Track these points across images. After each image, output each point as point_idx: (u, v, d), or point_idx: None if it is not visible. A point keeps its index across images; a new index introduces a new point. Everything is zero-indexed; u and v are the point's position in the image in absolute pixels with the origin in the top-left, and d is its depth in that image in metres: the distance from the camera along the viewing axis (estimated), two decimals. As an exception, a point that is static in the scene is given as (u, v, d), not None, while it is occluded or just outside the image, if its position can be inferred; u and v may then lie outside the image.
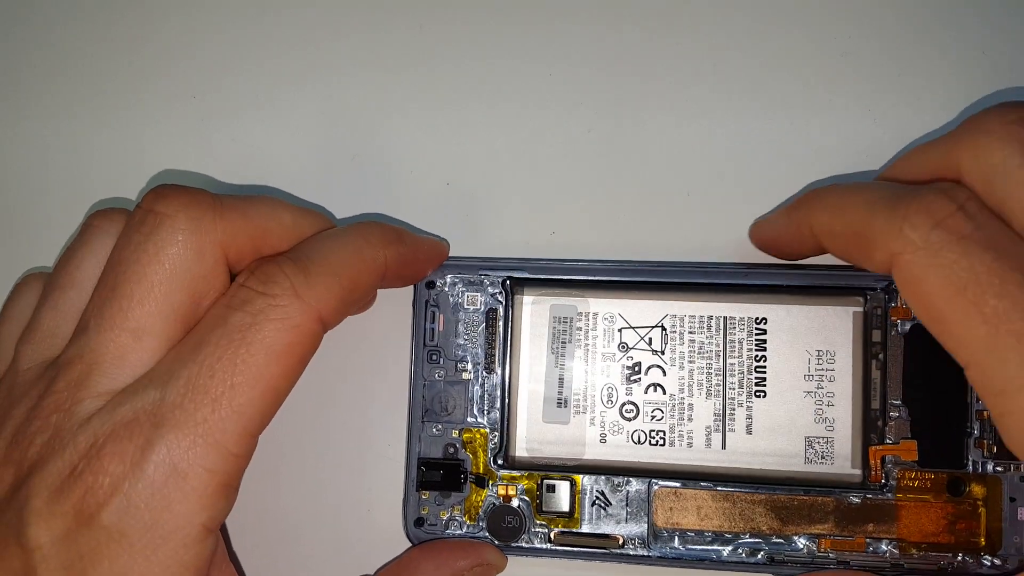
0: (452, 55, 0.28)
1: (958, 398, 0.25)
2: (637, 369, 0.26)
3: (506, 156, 0.28)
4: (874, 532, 0.25)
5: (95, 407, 0.21)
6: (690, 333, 0.26)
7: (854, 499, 0.25)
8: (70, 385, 0.21)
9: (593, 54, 0.28)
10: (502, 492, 0.26)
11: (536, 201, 0.28)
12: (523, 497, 0.26)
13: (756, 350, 0.26)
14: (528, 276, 0.26)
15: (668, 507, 0.26)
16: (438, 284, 0.27)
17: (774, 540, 0.25)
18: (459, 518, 0.26)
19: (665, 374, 0.26)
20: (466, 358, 0.26)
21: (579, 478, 0.26)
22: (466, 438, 0.26)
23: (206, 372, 0.21)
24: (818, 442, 0.25)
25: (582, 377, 0.26)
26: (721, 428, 0.26)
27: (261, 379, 0.21)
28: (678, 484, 0.26)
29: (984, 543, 0.25)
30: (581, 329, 0.26)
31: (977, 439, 0.25)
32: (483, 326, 0.26)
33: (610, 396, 0.26)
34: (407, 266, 0.25)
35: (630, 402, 0.26)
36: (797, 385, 0.25)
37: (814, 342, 0.25)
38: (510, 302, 0.26)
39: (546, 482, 0.26)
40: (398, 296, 0.27)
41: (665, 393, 0.26)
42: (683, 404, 0.26)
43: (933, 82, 0.27)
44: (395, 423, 0.27)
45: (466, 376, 0.26)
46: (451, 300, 0.27)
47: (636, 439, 0.26)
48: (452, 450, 0.26)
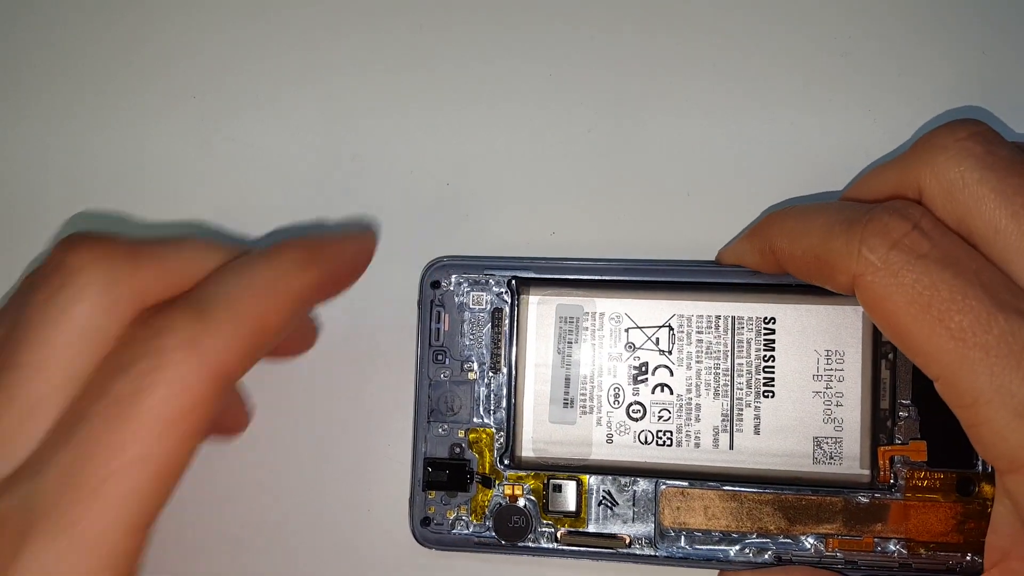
0: (452, 55, 0.28)
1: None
2: (644, 369, 0.26)
3: (506, 156, 0.28)
4: (882, 532, 0.25)
5: None
6: (698, 333, 0.26)
7: (862, 499, 0.25)
8: None
9: (593, 54, 0.28)
10: (508, 492, 0.26)
11: (536, 201, 0.27)
12: (529, 497, 0.26)
13: (764, 350, 0.25)
14: (534, 276, 0.26)
15: (675, 507, 0.26)
16: (443, 284, 0.26)
17: (781, 540, 0.25)
18: (465, 518, 0.26)
19: (672, 374, 0.26)
20: (472, 358, 0.26)
21: (585, 478, 0.26)
22: (472, 438, 0.26)
23: (82, 457, 0.18)
24: (826, 442, 0.25)
25: (588, 377, 0.26)
26: (729, 428, 0.25)
27: (150, 459, 0.18)
28: (685, 484, 0.26)
29: (993, 543, 0.25)
30: (587, 329, 0.26)
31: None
32: (489, 326, 0.26)
33: (617, 396, 0.26)
34: (332, 284, 0.23)
35: (637, 402, 0.26)
36: (806, 385, 0.25)
37: (823, 342, 0.25)
38: (516, 302, 0.26)
39: (552, 482, 0.26)
40: (403, 296, 0.27)
41: (672, 393, 0.26)
42: (691, 404, 0.25)
43: (933, 82, 0.27)
44: (400, 423, 0.27)
45: (472, 376, 0.26)
46: (456, 300, 0.26)
47: (643, 439, 0.26)
48: (458, 450, 0.26)
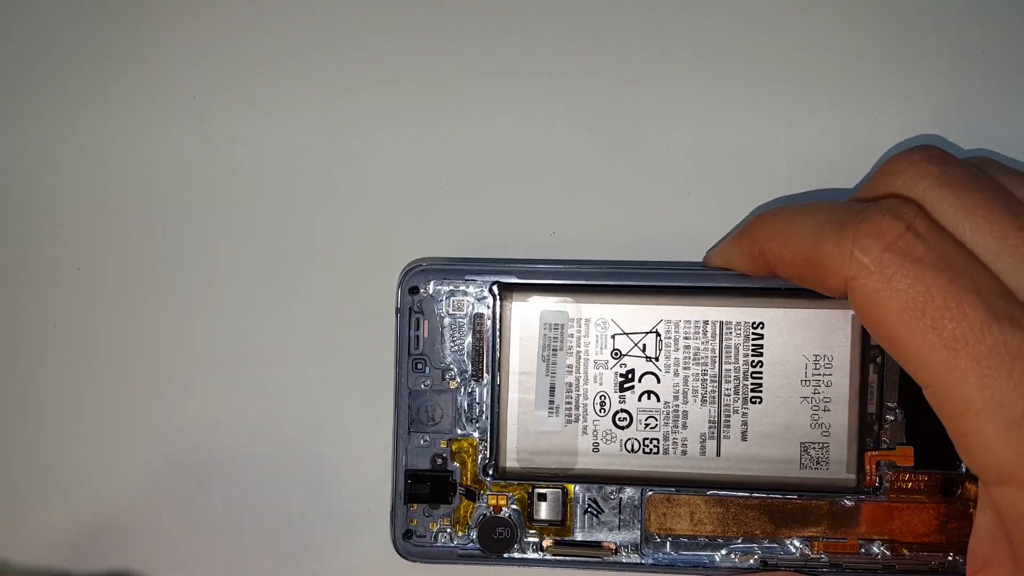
0: (452, 55, 0.27)
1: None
2: (631, 376, 0.25)
3: (506, 156, 0.27)
4: (867, 534, 0.25)
5: None
6: (685, 339, 0.25)
7: (847, 502, 0.25)
8: None
9: (593, 54, 0.27)
10: (492, 502, 0.25)
11: (536, 201, 0.27)
12: (514, 507, 0.25)
13: (752, 355, 0.25)
14: (517, 281, 0.25)
15: (661, 513, 0.25)
16: (422, 290, 0.25)
17: (767, 544, 0.25)
18: (449, 530, 0.25)
19: (659, 381, 0.25)
20: (453, 366, 0.25)
21: (571, 486, 0.25)
22: (454, 448, 0.25)
23: None
24: (814, 448, 0.25)
25: (574, 385, 0.25)
26: (716, 435, 0.25)
27: None
28: (671, 489, 0.25)
29: (975, 543, 0.25)
30: (573, 336, 0.25)
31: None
32: (470, 333, 0.25)
33: (603, 404, 0.25)
34: None
35: (623, 410, 0.25)
36: (794, 390, 0.25)
37: (811, 346, 0.25)
38: (498, 307, 0.25)
39: (537, 491, 0.25)
40: (380, 303, 0.26)
41: (659, 400, 0.25)
42: (677, 411, 0.25)
43: (933, 82, 0.26)
44: (380, 435, 0.26)
45: (453, 385, 0.25)
46: (436, 306, 0.25)
47: (630, 448, 0.25)
48: (440, 461, 0.25)
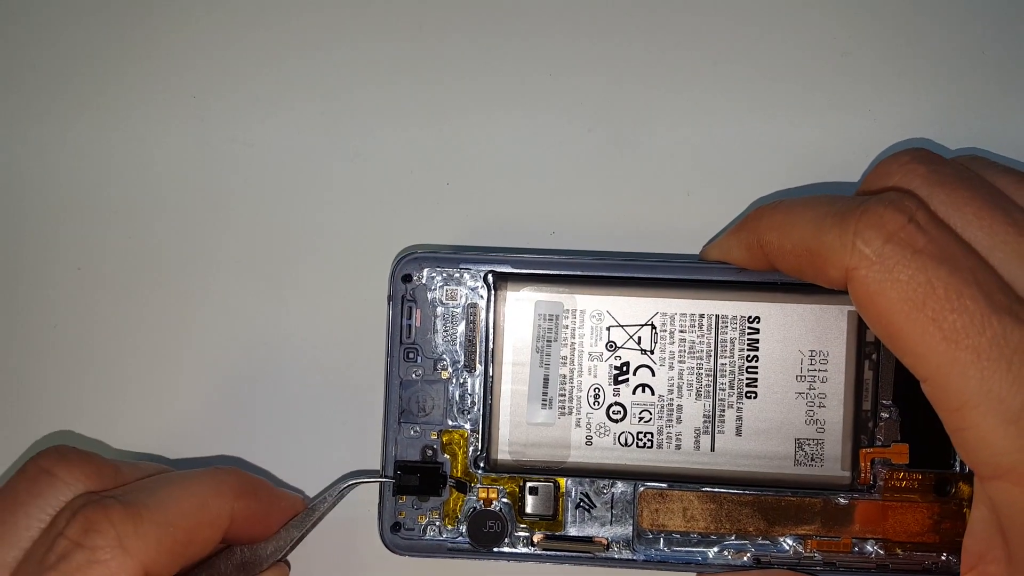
0: (452, 55, 0.27)
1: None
2: (625, 369, 0.25)
3: (506, 156, 0.27)
4: (860, 532, 0.25)
5: None
6: (681, 332, 0.25)
7: (841, 500, 0.25)
8: None
9: (593, 54, 0.27)
10: (483, 496, 0.25)
11: (536, 201, 0.27)
12: (505, 500, 0.25)
13: (748, 350, 0.25)
14: (511, 270, 0.25)
15: (654, 508, 0.25)
16: (415, 278, 0.25)
17: (760, 541, 0.25)
18: (438, 523, 0.25)
19: (654, 374, 0.25)
20: (445, 356, 0.25)
21: (563, 480, 0.25)
22: (445, 440, 0.25)
23: None
24: (808, 444, 0.25)
25: (568, 377, 0.25)
26: (710, 430, 0.25)
27: None
28: (664, 485, 0.25)
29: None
30: (567, 327, 0.25)
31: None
32: (463, 322, 0.25)
33: (597, 397, 0.25)
34: (257, 523, 0.23)
35: (617, 403, 0.25)
36: (789, 386, 0.25)
37: (807, 342, 0.25)
38: (492, 297, 0.25)
39: (528, 484, 0.25)
40: (372, 290, 0.26)
41: (654, 394, 0.25)
42: (672, 405, 0.25)
43: (933, 82, 0.27)
44: (370, 424, 0.26)
45: (445, 375, 0.25)
46: (429, 295, 0.25)
47: (623, 441, 0.25)
48: (430, 452, 0.25)
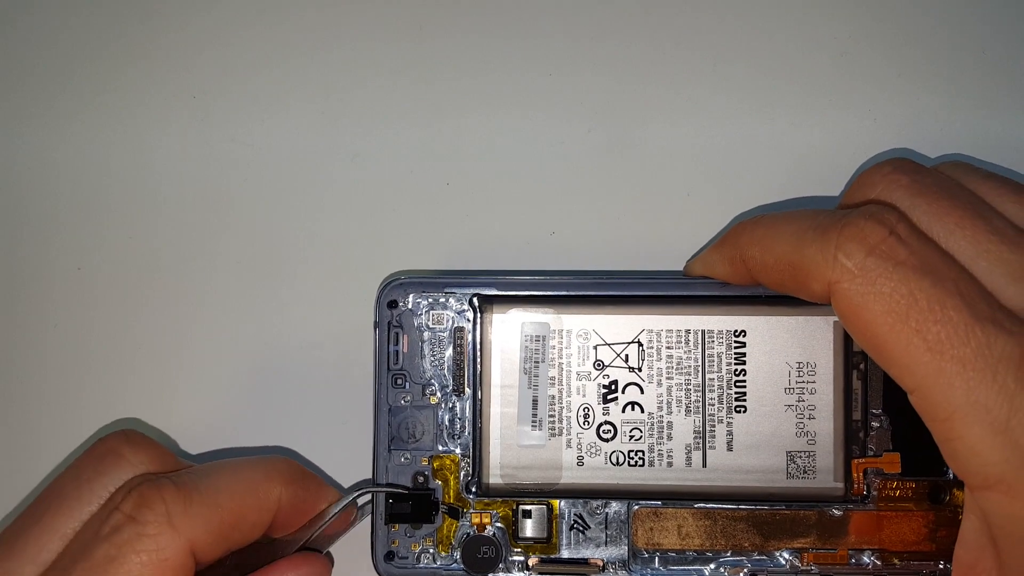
0: (452, 55, 0.27)
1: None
2: (614, 387, 0.25)
3: (506, 156, 0.27)
4: (856, 543, 0.25)
5: None
6: (667, 348, 0.25)
7: (836, 511, 0.25)
8: None
9: (593, 54, 0.27)
10: (476, 521, 0.25)
11: (536, 201, 0.27)
12: (498, 525, 0.25)
13: (735, 364, 0.25)
14: (497, 293, 0.25)
15: (648, 527, 0.25)
16: (401, 303, 0.25)
17: (756, 557, 0.25)
18: (431, 550, 0.25)
19: (643, 392, 0.25)
20: (433, 381, 0.25)
21: (556, 502, 0.25)
22: (436, 466, 0.25)
23: None
24: (800, 456, 0.25)
25: (557, 397, 0.25)
26: (701, 446, 0.25)
27: None
28: (658, 503, 0.25)
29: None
30: (555, 347, 0.25)
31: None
32: (450, 346, 0.25)
33: (587, 416, 0.25)
34: (302, 513, 0.24)
35: (607, 422, 0.25)
36: (778, 399, 0.25)
37: (794, 354, 0.25)
38: (478, 320, 0.25)
39: (521, 508, 0.25)
40: (359, 317, 0.26)
41: (643, 411, 0.25)
42: (662, 422, 0.25)
43: (933, 82, 0.27)
44: (359, 452, 0.26)
45: (434, 400, 0.25)
46: (415, 320, 0.25)
47: (615, 460, 0.25)
48: (422, 479, 0.25)
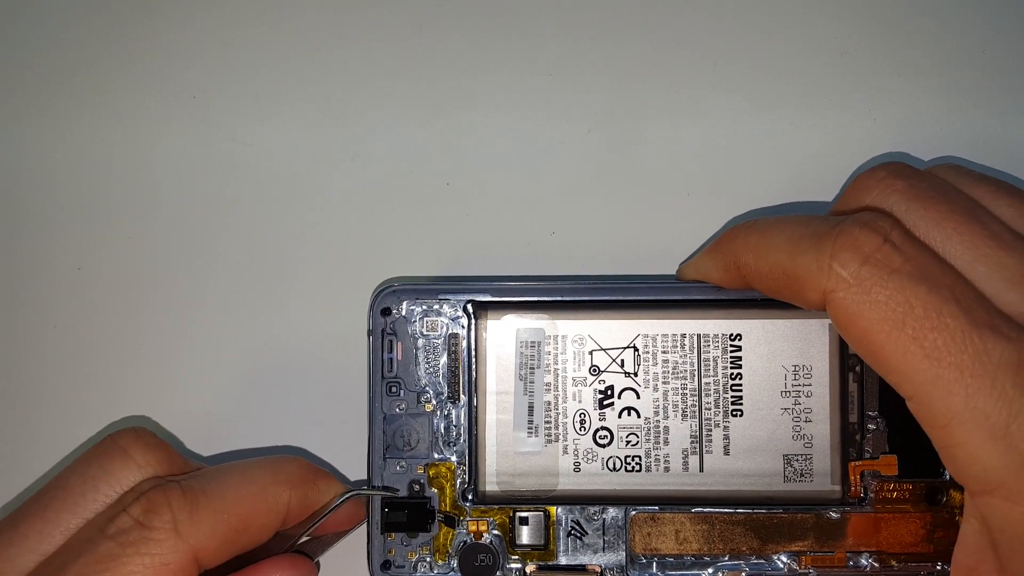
0: (452, 55, 0.27)
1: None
2: (610, 393, 0.25)
3: (506, 156, 0.27)
4: (854, 546, 0.25)
5: None
6: (663, 353, 0.25)
7: (833, 514, 0.25)
8: None
9: (593, 54, 0.27)
10: (473, 528, 0.25)
11: (536, 201, 0.27)
12: (495, 532, 0.25)
13: (731, 368, 0.25)
14: (491, 299, 0.25)
15: (646, 533, 0.25)
16: (394, 311, 0.25)
17: (754, 560, 0.25)
18: (428, 559, 0.25)
19: (639, 397, 0.25)
20: (428, 388, 0.25)
21: (553, 509, 0.25)
22: (432, 474, 0.25)
23: None
24: (797, 460, 0.25)
25: (553, 403, 0.25)
26: (698, 450, 0.25)
27: None
28: (655, 508, 0.25)
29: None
30: (550, 353, 0.25)
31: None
32: (445, 353, 0.25)
33: (583, 422, 0.25)
34: (316, 513, 0.24)
35: (604, 427, 0.25)
36: (774, 402, 0.25)
37: (790, 357, 0.25)
38: (473, 327, 0.25)
39: (518, 515, 0.25)
40: (352, 325, 0.26)
41: (640, 417, 0.25)
42: (658, 427, 0.25)
43: (933, 82, 0.27)
44: (354, 461, 0.26)
45: (429, 408, 0.25)
46: (409, 327, 0.25)
47: (611, 466, 0.25)
48: (417, 487, 0.25)
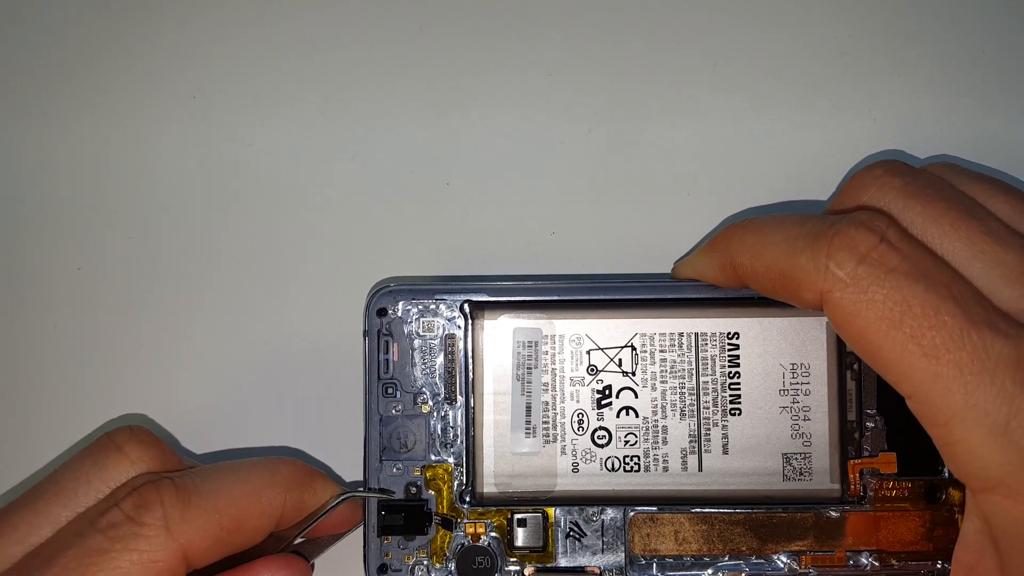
0: (452, 55, 0.27)
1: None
2: (608, 392, 0.24)
3: (506, 156, 0.27)
4: (854, 545, 0.24)
5: None
6: (661, 352, 0.25)
7: (833, 513, 0.24)
8: None
9: (593, 54, 0.27)
10: (470, 531, 0.24)
11: (536, 201, 0.27)
12: (493, 535, 0.24)
13: (729, 366, 0.24)
14: (488, 299, 0.25)
15: (645, 533, 0.24)
16: (390, 311, 0.25)
17: (754, 560, 0.24)
18: (426, 562, 0.24)
19: (637, 396, 0.24)
20: (425, 389, 0.25)
21: (551, 510, 0.24)
22: (429, 476, 0.24)
23: None
24: (796, 458, 0.24)
25: (550, 404, 0.24)
26: (697, 450, 0.24)
27: None
28: (654, 509, 0.24)
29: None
30: (547, 353, 0.24)
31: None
32: (441, 354, 0.25)
33: (581, 422, 0.24)
34: (307, 517, 0.23)
35: (602, 427, 0.24)
36: (772, 401, 0.24)
37: (788, 355, 0.24)
38: (470, 327, 0.25)
39: (516, 516, 0.24)
40: (352, 325, 0.25)
41: (638, 416, 0.24)
42: (657, 427, 0.24)
43: (933, 82, 0.27)
44: (350, 463, 0.25)
45: (426, 409, 0.25)
46: (405, 328, 0.25)
47: (610, 466, 0.24)
48: (414, 490, 0.24)
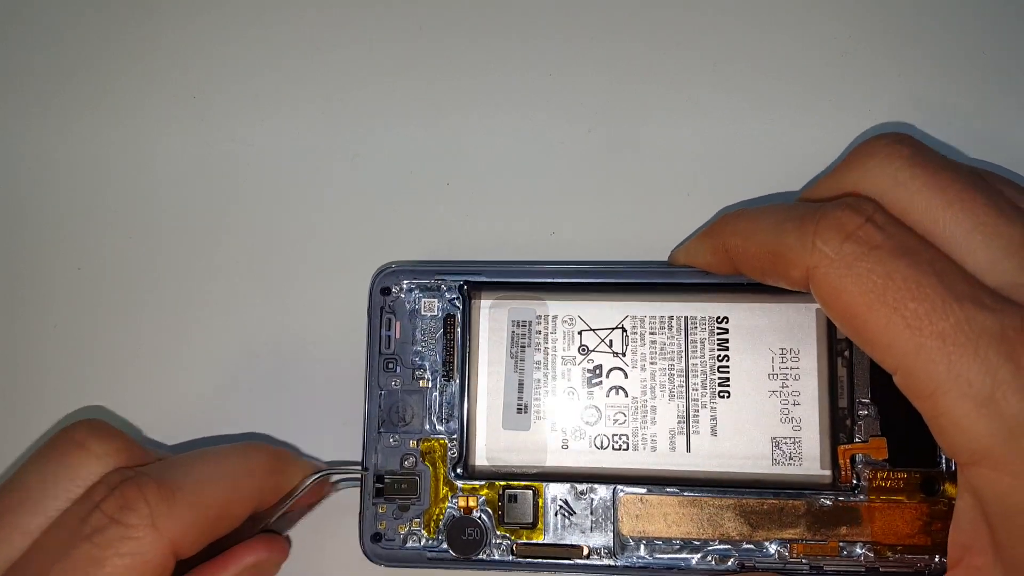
0: (452, 55, 0.28)
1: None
2: (598, 372, 0.25)
3: (506, 156, 0.28)
4: (847, 535, 0.24)
5: None
6: (651, 334, 0.25)
7: (825, 502, 0.24)
8: None
9: (593, 54, 0.28)
10: (462, 504, 0.25)
11: (536, 201, 0.28)
12: (484, 508, 0.25)
13: (719, 350, 0.25)
14: (485, 280, 0.26)
15: (634, 515, 0.25)
16: (394, 290, 0.26)
17: (744, 546, 0.24)
18: (418, 531, 0.25)
19: (627, 376, 0.25)
20: (424, 366, 0.26)
21: (542, 487, 0.25)
22: (424, 448, 0.25)
23: None
24: (785, 442, 0.25)
25: (542, 382, 0.25)
26: (685, 430, 0.25)
27: None
28: (644, 490, 0.25)
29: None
30: (540, 333, 0.25)
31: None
32: (441, 332, 0.26)
33: (571, 400, 0.25)
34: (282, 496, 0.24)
35: (592, 406, 0.25)
36: (762, 384, 0.25)
37: (777, 340, 0.25)
38: (468, 307, 0.26)
39: (508, 492, 0.25)
40: (358, 315, 0.26)
41: (627, 396, 0.25)
42: (646, 407, 0.25)
43: (933, 82, 0.27)
44: (350, 434, 0.26)
45: (424, 384, 0.26)
46: (407, 306, 0.26)
47: (599, 444, 0.25)
48: (409, 462, 0.25)
